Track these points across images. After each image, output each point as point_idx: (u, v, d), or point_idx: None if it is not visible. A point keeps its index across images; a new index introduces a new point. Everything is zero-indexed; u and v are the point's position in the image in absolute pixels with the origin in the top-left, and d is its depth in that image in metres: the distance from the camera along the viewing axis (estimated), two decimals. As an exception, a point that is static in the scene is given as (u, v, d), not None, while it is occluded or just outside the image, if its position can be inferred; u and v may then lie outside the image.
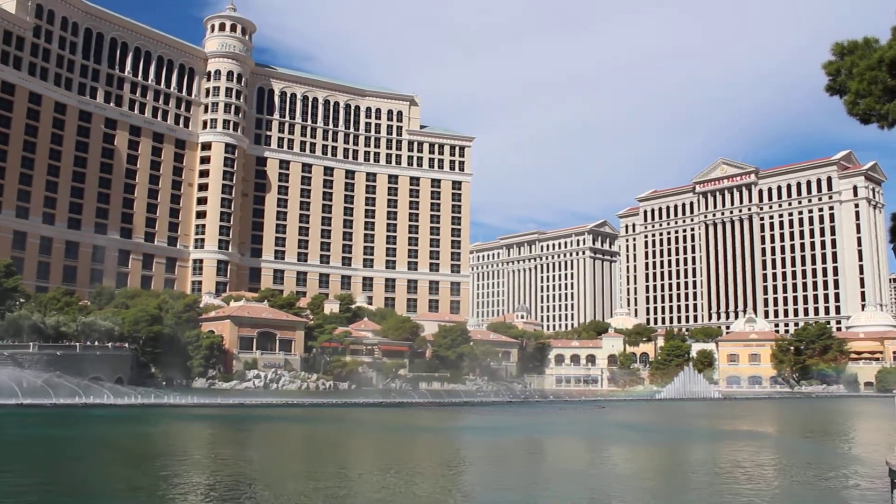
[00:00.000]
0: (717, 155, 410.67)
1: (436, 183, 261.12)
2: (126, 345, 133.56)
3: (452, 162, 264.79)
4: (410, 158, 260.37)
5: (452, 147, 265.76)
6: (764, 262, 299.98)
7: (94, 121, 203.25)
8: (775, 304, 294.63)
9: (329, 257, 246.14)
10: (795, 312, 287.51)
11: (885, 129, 22.23)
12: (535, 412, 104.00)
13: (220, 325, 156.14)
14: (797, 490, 37.83)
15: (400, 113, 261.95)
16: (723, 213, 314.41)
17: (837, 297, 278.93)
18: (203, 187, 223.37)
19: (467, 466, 47.05)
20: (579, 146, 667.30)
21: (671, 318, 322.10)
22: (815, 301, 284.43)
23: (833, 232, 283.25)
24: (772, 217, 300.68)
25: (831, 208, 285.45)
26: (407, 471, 42.94)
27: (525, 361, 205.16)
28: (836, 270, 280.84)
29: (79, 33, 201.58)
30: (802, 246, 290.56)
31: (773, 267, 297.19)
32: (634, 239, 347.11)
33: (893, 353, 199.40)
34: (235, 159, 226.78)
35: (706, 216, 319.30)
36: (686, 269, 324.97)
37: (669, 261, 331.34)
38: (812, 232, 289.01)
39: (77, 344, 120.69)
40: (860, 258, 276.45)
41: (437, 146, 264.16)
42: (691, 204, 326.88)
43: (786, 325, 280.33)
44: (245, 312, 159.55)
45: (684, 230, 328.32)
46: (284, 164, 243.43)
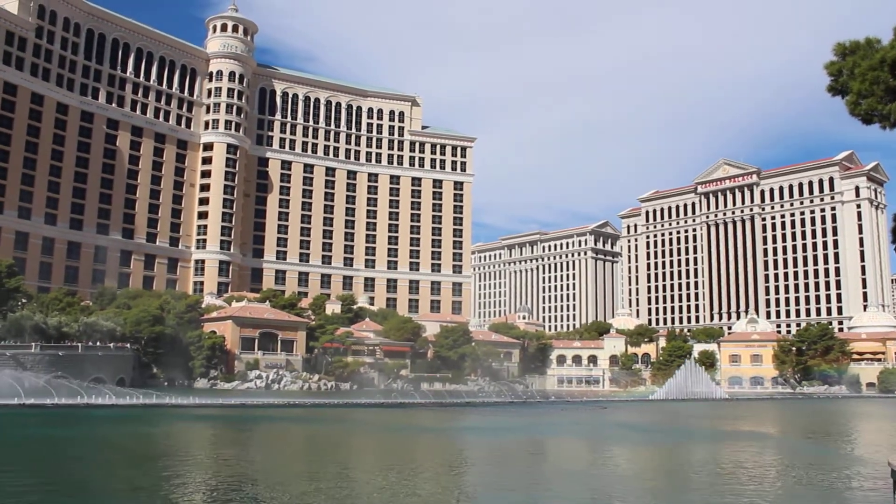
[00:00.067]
0: (718, 155, 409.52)
1: (437, 183, 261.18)
2: (128, 345, 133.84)
3: (454, 162, 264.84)
4: (412, 159, 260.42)
5: (454, 147, 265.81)
6: (766, 263, 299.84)
7: (95, 121, 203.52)
8: (777, 304, 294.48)
9: (331, 258, 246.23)
10: (797, 313, 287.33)
11: (887, 130, 22.22)
12: (536, 412, 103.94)
13: (221, 326, 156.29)
14: (799, 490, 37.79)
15: (402, 113, 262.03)
16: (724, 214, 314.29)
17: (839, 297, 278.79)
18: (205, 188, 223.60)
19: (469, 467, 47.03)
20: (581, 146, 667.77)
21: (673, 318, 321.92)
22: (817, 302, 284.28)
23: (835, 232, 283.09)
24: (774, 217, 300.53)
25: (833, 209, 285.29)
26: (409, 471, 42.94)
27: (527, 362, 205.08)
28: (838, 271, 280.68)
29: (81, 34, 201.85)
30: (804, 246, 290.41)
31: (775, 267, 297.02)
32: (636, 239, 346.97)
33: (895, 353, 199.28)
34: (237, 160, 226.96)
35: (708, 216, 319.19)
36: (688, 270, 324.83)
37: (671, 261, 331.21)
38: (814, 232, 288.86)
39: (79, 344, 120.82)
40: (862, 259, 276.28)
41: (438, 147, 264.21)
42: (693, 204, 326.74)
43: (788, 325, 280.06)
44: (247, 313, 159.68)
45: (686, 231, 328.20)
46: (286, 165, 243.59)
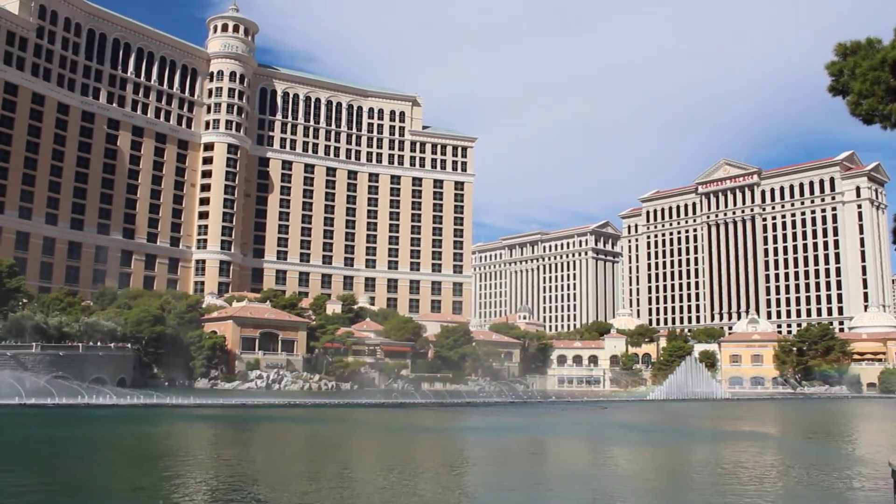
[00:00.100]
0: (719, 155, 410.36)
1: (438, 183, 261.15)
2: (129, 345, 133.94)
3: (455, 162, 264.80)
4: (413, 159, 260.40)
5: (455, 147, 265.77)
6: (766, 263, 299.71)
7: (96, 121, 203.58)
8: (778, 304, 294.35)
9: (331, 258, 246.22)
10: (798, 313, 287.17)
11: (888, 130, 22.23)
12: (537, 412, 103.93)
13: (222, 326, 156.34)
14: (800, 490, 37.77)
15: (402, 113, 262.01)
16: (725, 214, 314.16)
17: (840, 297, 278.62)
18: (205, 188, 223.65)
19: (470, 467, 47.02)
20: (581, 146, 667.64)
21: (673, 318, 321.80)
22: (818, 302, 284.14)
23: (836, 233, 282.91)
24: (774, 218, 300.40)
25: (834, 209, 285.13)
26: (409, 471, 42.94)
27: (527, 362, 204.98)
28: (838, 271, 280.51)
29: (81, 34, 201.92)
30: (805, 247, 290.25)
31: (776, 268, 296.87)
32: (637, 239, 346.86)
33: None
34: (238, 160, 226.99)
35: (709, 217, 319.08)
36: (688, 270, 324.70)
37: (672, 261, 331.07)
38: (815, 233, 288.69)
39: (80, 344, 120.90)
40: (863, 259, 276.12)
41: (439, 146, 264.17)
42: (694, 204, 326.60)
43: (788, 325, 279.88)
44: (247, 313, 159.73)
45: (687, 231, 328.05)
46: (287, 165, 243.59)
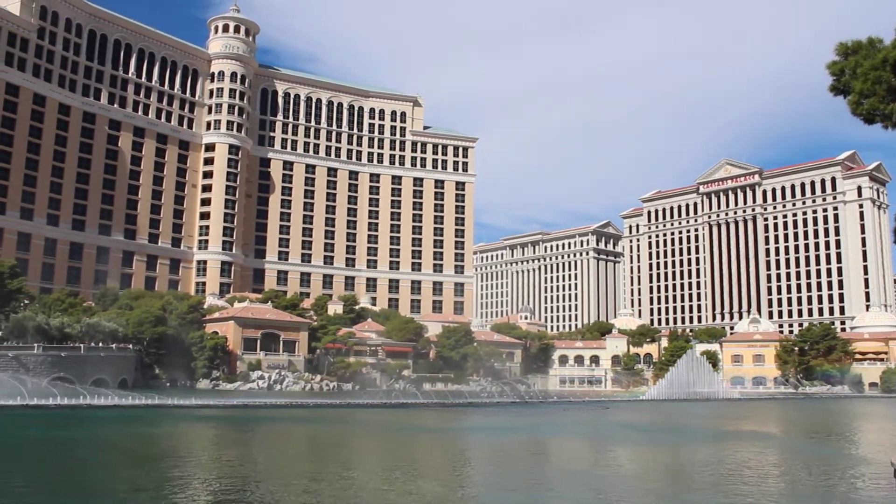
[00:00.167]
0: (720, 155, 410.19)
1: (439, 184, 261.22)
2: (130, 346, 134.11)
3: (456, 163, 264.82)
4: (414, 159, 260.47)
5: (456, 148, 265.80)
6: (768, 263, 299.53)
7: (97, 122, 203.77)
8: (779, 304, 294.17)
9: (333, 258, 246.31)
10: (800, 313, 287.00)
11: (890, 129, 22.19)
12: (538, 413, 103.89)
13: (223, 327, 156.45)
14: (802, 490, 37.74)
15: (403, 114, 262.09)
16: (727, 214, 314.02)
17: (842, 297, 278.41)
18: (207, 188, 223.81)
19: (472, 467, 47.02)
20: (582, 146, 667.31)
21: (675, 318, 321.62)
22: (820, 301, 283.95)
23: (837, 232, 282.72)
24: (776, 217, 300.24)
25: (835, 209, 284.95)
26: (411, 471, 42.94)
27: (529, 362, 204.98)
28: (840, 271, 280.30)
29: (83, 35, 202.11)
30: (807, 246, 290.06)
31: (778, 267, 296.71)
32: (638, 239, 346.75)
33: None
34: (239, 160, 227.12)
35: (710, 217, 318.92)
36: (690, 270, 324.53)
37: (673, 261, 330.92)
38: (816, 232, 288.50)
39: (81, 345, 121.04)
40: (864, 259, 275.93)
41: (440, 147, 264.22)
42: (695, 204, 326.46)
43: (790, 325, 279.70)
44: (249, 313, 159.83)
45: (688, 231, 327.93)
46: (288, 165, 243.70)
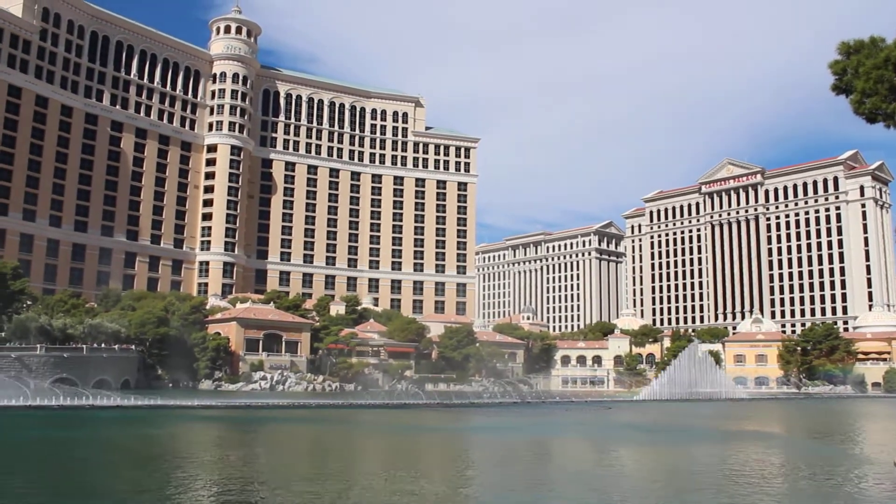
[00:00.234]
0: (722, 155, 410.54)
1: (441, 184, 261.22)
2: (133, 347, 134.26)
3: (458, 163, 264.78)
4: (416, 160, 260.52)
5: (458, 148, 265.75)
6: (770, 263, 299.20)
7: (100, 123, 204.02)
8: (782, 304, 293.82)
9: (335, 259, 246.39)
10: (802, 313, 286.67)
11: (892, 128, 22.18)
12: (540, 413, 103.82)
13: (226, 327, 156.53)
14: (804, 490, 37.68)
15: (405, 114, 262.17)
16: (729, 214, 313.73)
17: (844, 297, 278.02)
18: (209, 189, 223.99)
19: (474, 467, 46.99)
20: (583, 146, 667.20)
21: (677, 318, 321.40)
22: (822, 301, 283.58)
23: (840, 232, 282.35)
24: (778, 217, 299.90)
25: (838, 208, 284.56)
26: (413, 471, 42.93)
27: (531, 363, 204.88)
28: (842, 271, 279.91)
29: (85, 36, 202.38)
30: (809, 246, 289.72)
31: (780, 267, 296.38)
32: (640, 240, 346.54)
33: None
34: (241, 161, 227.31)
35: (712, 217, 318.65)
36: (692, 270, 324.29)
37: (675, 261, 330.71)
38: (818, 232, 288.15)
39: (84, 346, 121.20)
40: (867, 258, 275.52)
41: (442, 147, 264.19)
42: (697, 204, 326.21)
43: (792, 325, 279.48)
44: (251, 314, 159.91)
45: (690, 231, 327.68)
46: (290, 166, 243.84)
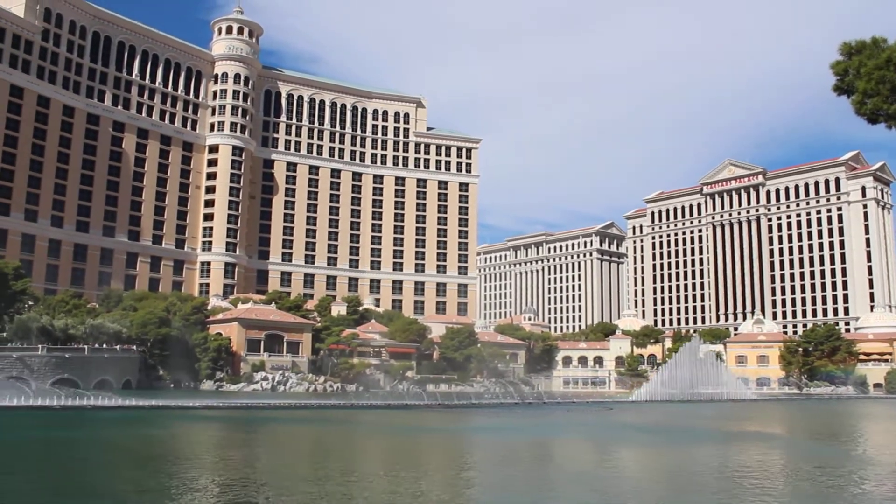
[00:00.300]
0: (724, 156, 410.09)
1: (443, 185, 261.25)
2: (134, 347, 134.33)
3: (459, 164, 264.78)
4: (417, 160, 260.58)
5: (459, 149, 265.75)
6: (772, 263, 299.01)
7: (101, 124, 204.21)
8: (783, 305, 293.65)
9: (336, 259, 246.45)
10: (804, 314, 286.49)
11: (894, 129, 22.14)
12: (542, 413, 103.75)
13: (227, 328, 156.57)
14: (805, 491, 37.63)
15: (407, 115, 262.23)
16: (730, 214, 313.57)
17: (846, 298, 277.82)
18: (210, 190, 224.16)
19: (475, 468, 46.96)
20: (584, 147, 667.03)
21: (679, 319, 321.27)
22: (824, 302, 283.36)
23: (841, 233, 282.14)
24: (780, 218, 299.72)
25: (839, 209, 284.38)
26: (414, 472, 42.91)
27: (532, 363, 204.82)
28: (844, 271, 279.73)
29: (86, 37, 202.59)
30: (811, 247, 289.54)
31: (781, 268, 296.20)
32: (642, 240, 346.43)
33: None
34: (243, 162, 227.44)
35: (714, 217, 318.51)
36: (694, 271, 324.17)
37: (677, 262, 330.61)
38: (820, 233, 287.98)
39: (85, 346, 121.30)
40: (869, 259, 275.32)
41: (443, 148, 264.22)
42: (699, 205, 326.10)
43: (794, 326, 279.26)
44: (252, 315, 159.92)
45: (692, 231, 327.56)
46: (291, 167, 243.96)
